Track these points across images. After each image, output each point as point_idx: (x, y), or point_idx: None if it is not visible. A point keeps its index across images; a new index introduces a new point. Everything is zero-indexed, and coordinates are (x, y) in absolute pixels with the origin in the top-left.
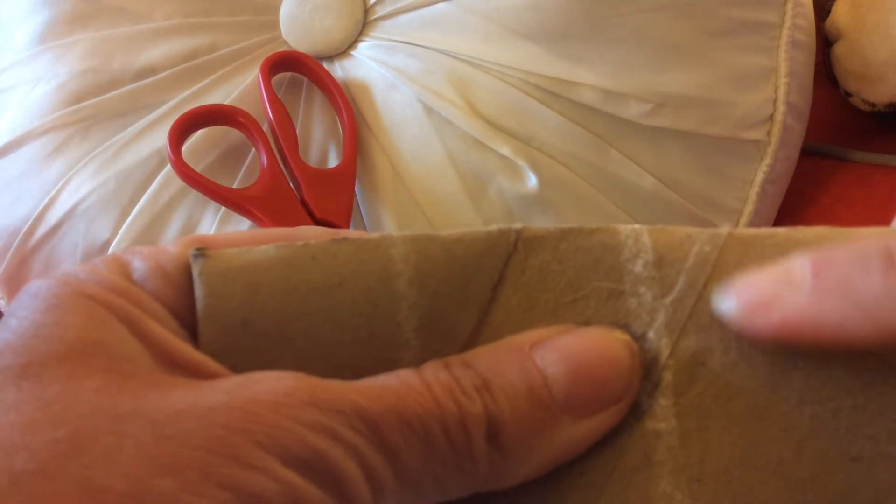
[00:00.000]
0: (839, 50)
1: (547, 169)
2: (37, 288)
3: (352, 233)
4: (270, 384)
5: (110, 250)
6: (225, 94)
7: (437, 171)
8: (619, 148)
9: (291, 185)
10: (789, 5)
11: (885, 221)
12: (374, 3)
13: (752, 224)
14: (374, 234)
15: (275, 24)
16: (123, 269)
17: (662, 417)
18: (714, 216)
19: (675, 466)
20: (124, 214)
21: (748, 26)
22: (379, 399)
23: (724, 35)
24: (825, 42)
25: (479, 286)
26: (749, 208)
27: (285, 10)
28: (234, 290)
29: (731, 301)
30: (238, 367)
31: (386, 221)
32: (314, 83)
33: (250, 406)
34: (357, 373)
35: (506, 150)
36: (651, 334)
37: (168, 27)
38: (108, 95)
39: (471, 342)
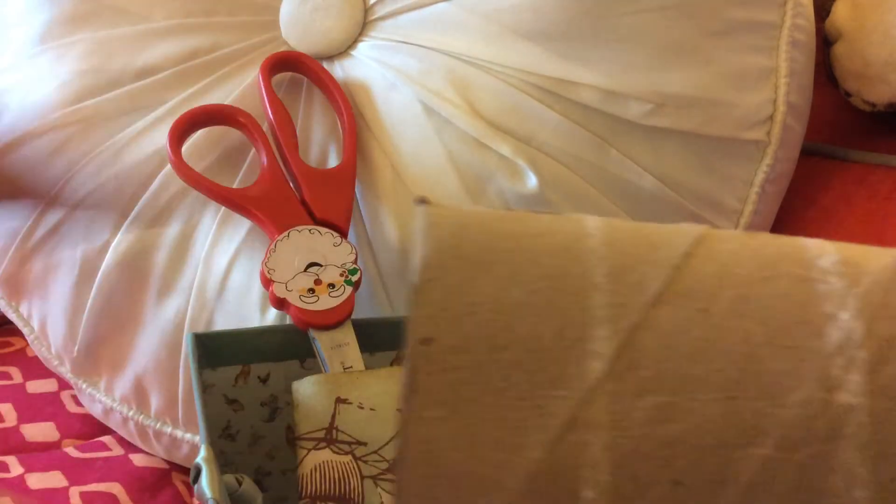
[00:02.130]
0: (839, 50)
1: (547, 169)
2: None
3: None
4: None
5: (110, 250)
6: (225, 94)
7: (437, 171)
8: (619, 148)
9: (291, 185)
10: (789, 5)
11: (886, 221)
12: (374, 3)
13: (751, 224)
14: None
15: (275, 25)
16: None
17: (855, 393)
18: (714, 216)
19: (861, 442)
20: (124, 214)
21: (748, 26)
22: None
23: (724, 35)
24: (825, 42)
25: (668, 252)
26: (749, 208)
27: (285, 10)
28: (447, 223)
29: None
30: (442, 280)
31: (386, 221)
32: (314, 83)
33: None
34: (549, 299)
35: (506, 150)
36: (844, 315)
37: (168, 27)
38: (108, 95)
39: (662, 297)
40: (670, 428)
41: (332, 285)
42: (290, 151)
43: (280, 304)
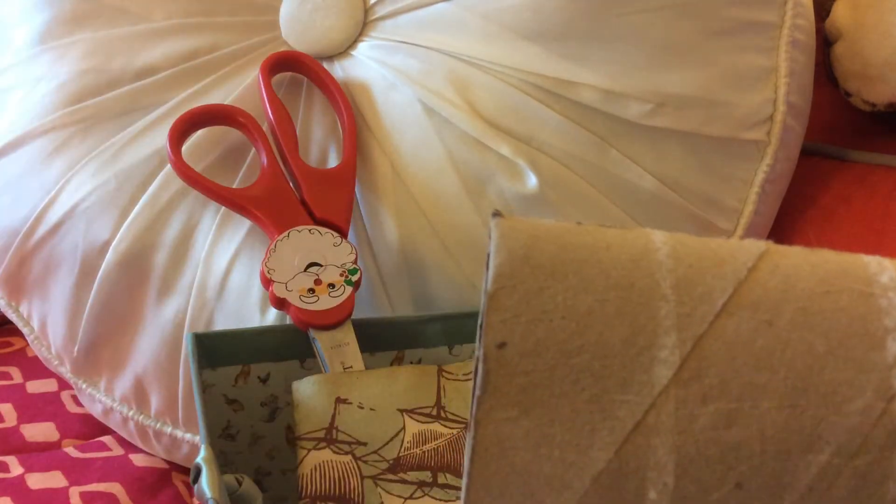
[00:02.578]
0: (839, 50)
1: (547, 169)
2: None
3: None
4: None
5: (110, 250)
6: (225, 94)
7: (437, 170)
8: (619, 148)
9: (291, 184)
10: (789, 5)
11: (885, 221)
12: (374, 3)
13: (751, 223)
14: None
15: (275, 25)
16: None
17: None
18: (714, 216)
19: None
20: (124, 214)
21: (748, 26)
22: None
23: (724, 35)
24: (825, 42)
25: (733, 266)
26: (749, 208)
27: (285, 10)
28: (519, 234)
29: None
30: (516, 287)
31: (386, 221)
32: (314, 83)
33: None
34: (619, 308)
35: (506, 150)
36: None
37: (168, 27)
38: (108, 95)
39: (727, 308)
40: (733, 433)
41: (332, 285)
42: (290, 151)
43: (280, 304)
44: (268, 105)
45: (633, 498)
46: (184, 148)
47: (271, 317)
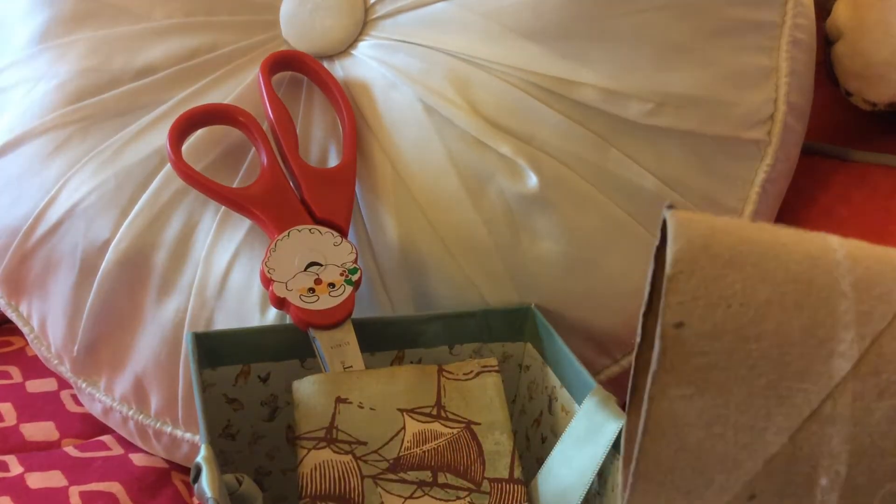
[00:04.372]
0: (840, 49)
1: (547, 168)
2: None
3: None
4: None
5: (110, 249)
6: (225, 93)
7: (437, 170)
8: (619, 147)
9: (291, 184)
10: (790, 5)
11: (886, 220)
12: (375, 3)
13: None
14: None
15: (275, 24)
16: None
17: None
18: (714, 216)
19: None
20: (124, 214)
21: (749, 26)
22: None
23: (725, 35)
24: (826, 42)
25: None
26: (749, 208)
27: (285, 10)
28: (697, 225)
29: None
30: (694, 272)
31: (386, 221)
32: (314, 82)
33: None
34: (797, 301)
35: (506, 150)
36: None
37: (168, 26)
38: (108, 95)
39: None
40: None
41: (332, 285)
42: (290, 151)
43: (280, 303)
44: (268, 104)
45: (804, 483)
46: (184, 147)
47: (271, 316)
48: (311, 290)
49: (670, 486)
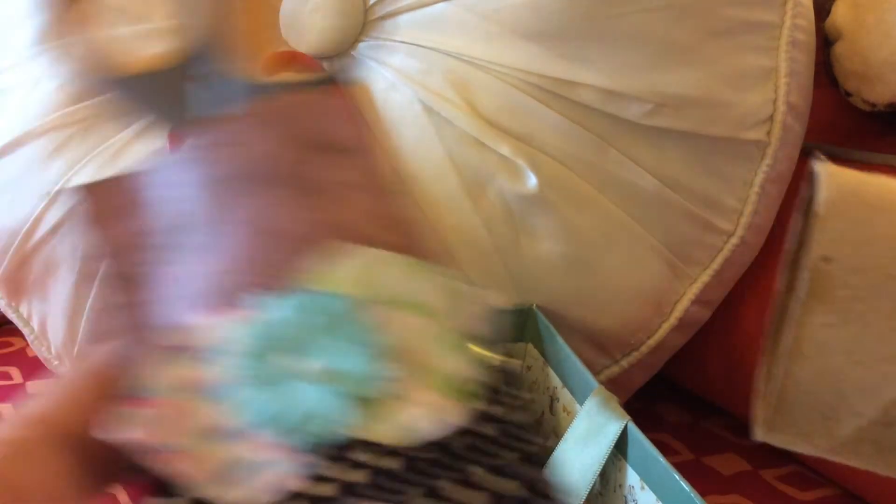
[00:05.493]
0: (839, 50)
1: (547, 168)
2: None
3: None
4: None
5: None
6: None
7: (437, 170)
8: (619, 148)
9: None
10: (789, 5)
11: None
12: (374, 4)
13: (751, 223)
14: None
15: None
16: None
17: None
18: (714, 216)
19: None
20: None
21: (748, 26)
22: None
23: (724, 35)
24: (825, 42)
25: None
26: (749, 208)
27: (285, 10)
28: (846, 175)
29: None
30: (843, 214)
31: None
32: None
33: None
34: None
35: (505, 150)
36: None
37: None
38: (107, 95)
39: None
40: None
41: None
42: None
43: None
44: None
45: None
46: None
47: None
48: None
49: (809, 408)
